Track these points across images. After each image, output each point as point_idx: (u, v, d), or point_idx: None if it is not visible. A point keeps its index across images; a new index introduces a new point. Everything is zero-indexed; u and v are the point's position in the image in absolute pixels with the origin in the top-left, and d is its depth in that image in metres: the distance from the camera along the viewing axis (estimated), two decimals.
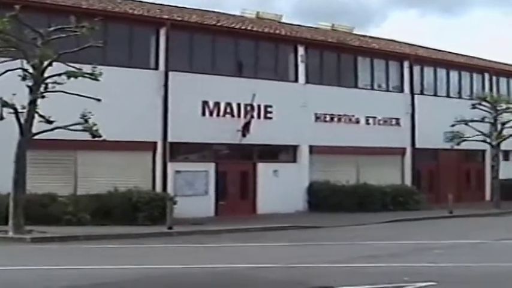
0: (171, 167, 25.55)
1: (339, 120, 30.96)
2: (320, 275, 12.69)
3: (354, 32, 37.48)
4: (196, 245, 18.44)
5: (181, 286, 11.71)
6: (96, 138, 19.74)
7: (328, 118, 30.55)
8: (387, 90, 33.42)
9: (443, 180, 34.61)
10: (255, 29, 29.28)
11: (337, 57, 31.71)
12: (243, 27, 28.77)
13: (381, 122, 32.35)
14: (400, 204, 29.79)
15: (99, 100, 19.25)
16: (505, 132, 32.30)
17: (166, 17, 26.40)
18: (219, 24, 28.06)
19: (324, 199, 28.84)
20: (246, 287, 11.44)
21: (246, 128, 27.03)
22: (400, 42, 38.49)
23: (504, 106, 32.53)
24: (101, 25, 19.63)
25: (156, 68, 25.78)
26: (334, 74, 31.57)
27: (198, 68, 26.64)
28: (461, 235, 20.87)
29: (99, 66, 19.43)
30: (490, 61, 40.70)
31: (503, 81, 39.49)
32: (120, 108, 23.29)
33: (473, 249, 17.37)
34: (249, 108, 27.31)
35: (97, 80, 19.20)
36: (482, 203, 34.16)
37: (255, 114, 27.74)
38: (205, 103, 26.54)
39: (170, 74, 25.51)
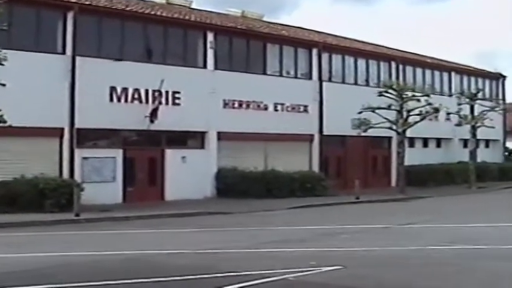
0: (78, 153, 26.16)
1: (248, 106, 32.21)
2: (228, 260, 13.23)
3: (264, 19, 39.10)
4: (105, 232, 19.02)
5: (89, 273, 11.69)
6: (1, 124, 20.09)
7: (236, 104, 31.76)
8: (296, 77, 35.00)
9: (351, 167, 36.64)
10: (164, 14, 30.13)
11: (246, 43, 32.96)
12: (152, 13, 29.60)
13: (289, 109, 33.90)
14: (307, 190, 31.14)
15: (3, 85, 19.56)
16: (411, 119, 34.32)
17: (74, 0, 26.47)
18: (128, 9, 28.69)
19: (232, 185, 29.99)
20: (155, 273, 11.55)
21: (154, 114, 27.84)
22: (310, 30, 40.40)
23: (410, 94, 34.50)
24: (6, 8, 19.62)
25: (63, 52, 26.14)
26: (243, 60, 32.78)
27: (106, 53, 27.26)
28: (368, 220, 22.13)
29: (4, 50, 19.50)
30: (397, 50, 43.39)
31: (409, 69, 41.96)
32: (26, 94, 23.78)
33: (379, 234, 18.43)
34: (157, 94, 28.10)
35: (1, 64, 19.36)
36: (388, 189, 36.24)
37: (163, 100, 28.57)
38: (113, 89, 27.22)
39: (77, 58, 26.01)
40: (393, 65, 40.60)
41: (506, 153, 52.67)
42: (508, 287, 10.92)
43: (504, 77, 50.59)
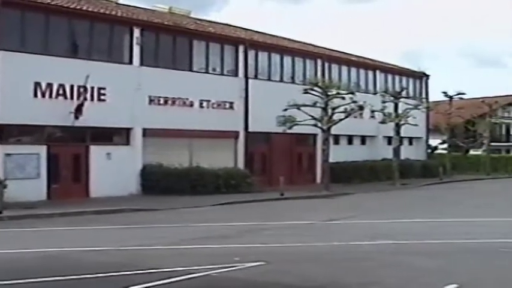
0: (1, 149, 26.36)
1: (173, 103, 32.97)
2: (151, 257, 13.65)
3: (192, 16, 39.80)
4: (27, 230, 19.19)
5: (8, 271, 11.70)
6: None
7: (162, 101, 32.47)
8: (222, 74, 35.96)
9: (276, 164, 37.82)
10: (90, 9, 30.48)
11: (173, 40, 33.71)
12: (78, 7, 29.86)
13: (215, 106, 34.81)
14: (232, 186, 32.11)
15: None
16: (335, 117, 35.52)
17: None
18: (53, 3, 28.77)
19: (157, 182, 30.68)
20: (71, 271, 11.66)
21: (78, 110, 28.17)
22: (237, 27, 41.44)
23: (335, 92, 35.74)
24: None
25: None
26: (170, 57, 33.53)
27: (31, 47, 27.48)
28: (292, 216, 22.80)
29: None
30: (323, 48, 44.87)
31: (335, 67, 43.54)
32: None
33: (302, 230, 19.07)
34: (82, 90, 28.47)
35: None
36: (313, 186, 37.33)
37: (88, 96, 28.94)
38: (37, 84, 27.47)
39: (0, 53, 26.10)
40: (319, 62, 41.94)
41: (429, 151, 55.25)
42: (426, 281, 11.32)
43: (427, 76, 52.95)
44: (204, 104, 34.46)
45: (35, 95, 27.61)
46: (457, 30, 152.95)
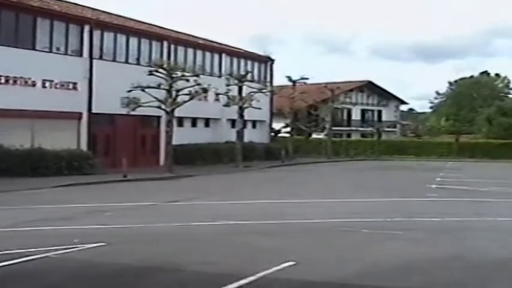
0: None
1: (14, 82, 32.89)
2: None
3: None
4: None
5: None
6: None
7: (3, 80, 32.30)
8: (66, 54, 36.03)
9: (120, 145, 38.45)
10: None
11: (16, 17, 33.43)
12: None
13: (58, 86, 34.99)
14: (75, 168, 32.56)
15: None
16: (180, 99, 36.78)
17: None
18: None
19: None
20: None
21: None
22: (83, 6, 41.43)
23: (180, 74, 36.90)
24: None
25: None
26: (12, 34, 33.19)
27: None
28: (134, 198, 23.48)
29: None
30: (170, 30, 45.88)
31: (181, 50, 44.81)
32: None
33: (145, 211, 19.84)
34: None
35: None
36: (156, 168, 38.43)
37: None
38: None
39: None
40: (165, 44, 42.95)
41: (273, 134, 57.81)
42: (264, 259, 11.84)
43: (272, 61, 55.39)
44: (47, 84, 34.49)
45: None
46: (307, 16, 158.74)
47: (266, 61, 54.81)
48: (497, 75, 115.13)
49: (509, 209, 21.71)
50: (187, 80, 36.88)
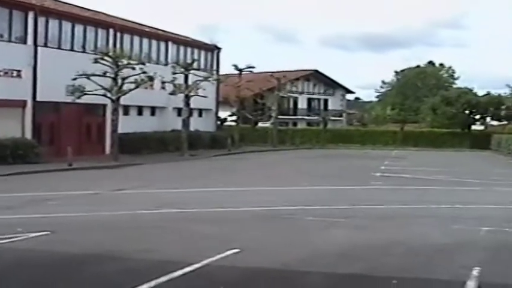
0: None
1: None
2: None
3: None
4: None
5: None
6: None
7: None
8: (9, 41, 35.30)
9: (65, 134, 38.00)
10: None
11: None
12: None
13: (1, 73, 34.20)
14: (20, 157, 32.08)
15: None
16: (125, 87, 36.54)
17: None
18: None
19: None
20: None
21: None
22: None
23: (125, 62, 36.68)
24: None
25: None
26: None
27: None
28: (79, 186, 23.34)
29: None
30: (116, 17, 45.50)
31: (127, 37, 44.40)
32: None
33: (89, 200, 19.77)
34: None
35: None
36: (102, 156, 38.27)
37: None
38: None
39: None
40: (111, 32, 42.54)
41: (219, 122, 57.80)
42: (208, 246, 12.03)
43: (219, 49, 55.25)
44: None
45: None
46: (256, 5, 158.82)
47: (213, 49, 54.72)
48: (441, 65, 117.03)
49: (451, 196, 22.12)
50: (133, 68, 36.72)
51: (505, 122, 69.41)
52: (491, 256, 11.97)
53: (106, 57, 36.46)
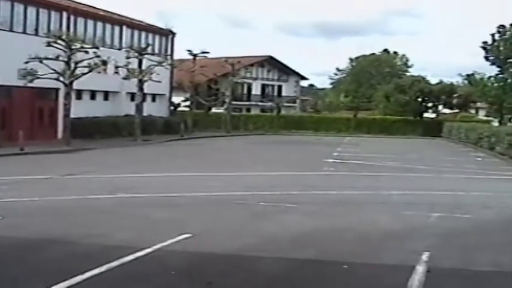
0: None
1: None
2: None
3: None
4: None
5: None
6: None
7: None
8: None
9: (16, 118, 37.25)
10: None
11: None
12: None
13: None
14: None
15: None
16: (79, 71, 36.08)
17: None
18: None
19: None
20: None
21: None
22: None
23: (79, 46, 36.22)
24: None
25: None
26: None
27: None
28: (31, 171, 23.08)
29: None
30: (70, 0, 44.64)
31: (80, 21, 43.73)
32: None
33: (41, 184, 19.62)
34: None
35: None
36: (54, 141, 37.72)
37: None
38: None
39: None
40: (64, 15, 41.80)
41: (172, 108, 57.69)
42: (160, 231, 12.13)
43: (174, 34, 54.96)
44: None
45: None
46: None
47: (167, 34, 54.41)
48: (395, 53, 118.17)
49: (402, 182, 22.44)
50: (87, 52, 36.36)
51: (457, 110, 70.51)
52: (440, 241, 12.17)
53: (59, 41, 35.86)
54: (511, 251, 11.45)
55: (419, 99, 65.18)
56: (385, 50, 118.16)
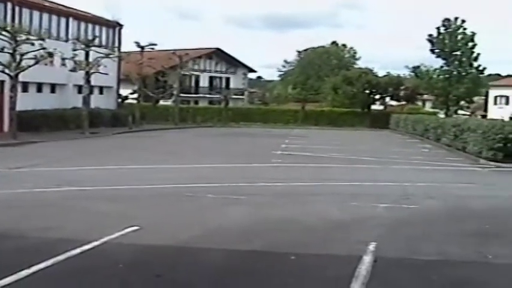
0: None
1: None
2: None
3: None
4: None
5: None
6: None
7: None
8: None
9: None
10: None
11: None
12: None
13: None
14: None
15: None
16: (24, 63, 35.39)
17: None
18: None
19: None
20: None
21: None
22: None
23: (24, 37, 35.57)
24: None
25: None
26: None
27: None
28: None
29: None
30: None
31: (26, 12, 43.06)
32: None
33: None
34: None
35: None
36: (0, 134, 37.25)
37: None
38: None
39: None
40: (9, 6, 41.13)
41: (120, 100, 57.33)
42: (107, 224, 12.02)
43: (121, 26, 54.53)
44: None
45: None
46: None
47: (114, 26, 53.96)
48: (344, 45, 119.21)
49: (349, 174, 22.66)
50: (33, 44, 35.79)
51: (404, 102, 71.50)
52: (387, 231, 12.33)
53: (4, 32, 35.33)
54: (456, 241, 11.64)
55: (367, 92, 65.94)
56: (334, 43, 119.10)
